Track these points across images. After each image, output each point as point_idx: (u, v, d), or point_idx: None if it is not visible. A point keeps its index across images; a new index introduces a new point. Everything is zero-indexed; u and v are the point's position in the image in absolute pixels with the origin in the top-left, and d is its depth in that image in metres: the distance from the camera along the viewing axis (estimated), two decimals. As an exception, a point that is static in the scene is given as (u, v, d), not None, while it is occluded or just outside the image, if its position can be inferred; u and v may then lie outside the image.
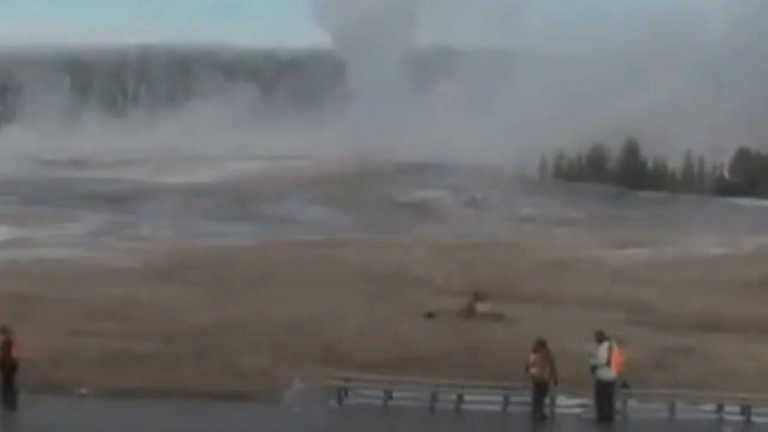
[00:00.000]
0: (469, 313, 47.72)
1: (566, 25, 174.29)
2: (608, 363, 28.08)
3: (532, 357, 28.19)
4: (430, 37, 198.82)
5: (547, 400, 28.59)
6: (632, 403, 28.75)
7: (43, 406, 28.17)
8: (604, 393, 28.25)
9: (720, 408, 28.47)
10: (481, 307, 48.52)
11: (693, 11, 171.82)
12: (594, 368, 28.23)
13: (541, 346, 28.42)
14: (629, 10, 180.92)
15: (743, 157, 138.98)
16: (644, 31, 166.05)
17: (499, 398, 28.65)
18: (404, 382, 29.47)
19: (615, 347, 28.33)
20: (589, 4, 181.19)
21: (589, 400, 28.80)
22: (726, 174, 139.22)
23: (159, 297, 49.31)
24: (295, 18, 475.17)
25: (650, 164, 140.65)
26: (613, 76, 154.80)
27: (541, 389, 28.26)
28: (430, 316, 45.65)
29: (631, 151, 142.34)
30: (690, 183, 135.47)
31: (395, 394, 29.23)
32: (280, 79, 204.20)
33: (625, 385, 28.62)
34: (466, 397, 28.90)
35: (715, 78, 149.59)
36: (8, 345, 29.26)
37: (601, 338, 28.51)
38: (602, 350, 28.23)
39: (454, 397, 28.88)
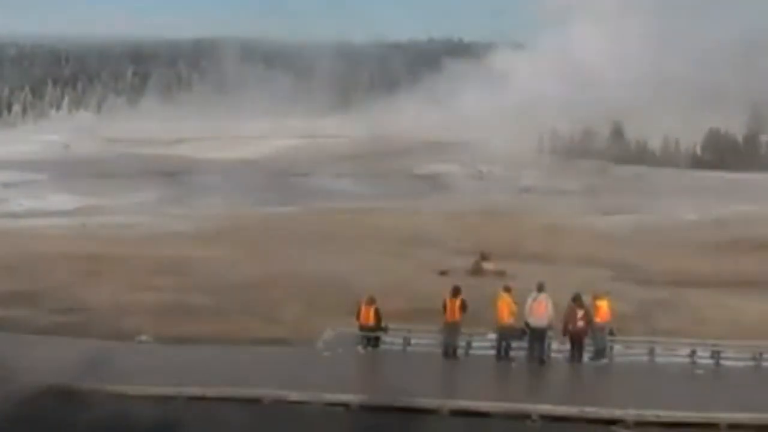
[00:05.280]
0: (476, 270, 47.83)
1: (560, 23, 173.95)
2: (531, 311, 27.87)
3: (580, 312, 27.96)
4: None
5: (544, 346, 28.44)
6: (617, 348, 28.63)
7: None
8: (533, 337, 28.04)
9: (693, 353, 28.35)
10: (487, 266, 48.63)
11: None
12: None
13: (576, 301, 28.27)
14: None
15: (713, 136, 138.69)
16: (628, 26, 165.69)
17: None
18: (421, 330, 29.39)
19: (542, 299, 28.02)
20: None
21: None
22: (698, 151, 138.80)
23: (209, 257, 49.41)
24: (326, 16, 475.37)
25: (633, 143, 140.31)
26: (601, 68, 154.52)
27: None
28: (443, 273, 45.68)
29: (617, 131, 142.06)
30: (667, 159, 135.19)
31: (413, 341, 29.17)
32: (314, 69, 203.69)
33: (611, 333, 28.51)
34: (474, 344, 28.83)
35: (688, 69, 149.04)
36: None
37: (539, 288, 28.28)
38: (529, 300, 28.07)
39: (464, 343, 28.79)
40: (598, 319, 28.13)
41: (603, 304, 28.42)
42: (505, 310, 27.92)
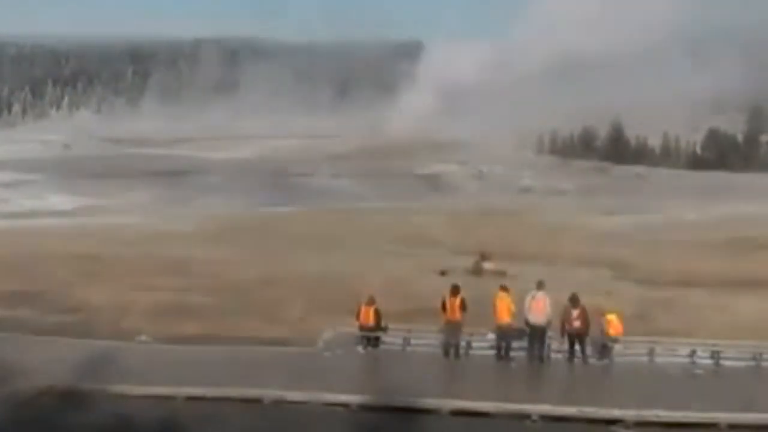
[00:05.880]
0: (476, 270, 47.84)
1: (560, 21, 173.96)
2: (530, 310, 27.81)
3: (575, 312, 27.88)
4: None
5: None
6: (617, 348, 28.60)
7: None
8: (533, 335, 28.01)
9: (693, 353, 28.32)
10: (487, 266, 48.67)
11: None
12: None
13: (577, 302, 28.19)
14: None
15: (713, 135, 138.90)
16: (626, 25, 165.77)
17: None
18: (421, 330, 29.36)
19: (542, 298, 27.99)
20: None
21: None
22: (698, 150, 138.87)
23: (209, 257, 49.43)
24: (326, 16, 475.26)
25: (632, 142, 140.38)
26: (601, 67, 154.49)
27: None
28: (443, 273, 45.64)
29: (616, 130, 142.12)
30: (667, 158, 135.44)
31: (413, 341, 29.14)
32: (314, 69, 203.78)
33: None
34: (474, 344, 28.80)
35: (688, 67, 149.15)
36: None
37: (538, 287, 28.22)
38: (528, 298, 28.02)
39: (464, 343, 28.76)
40: (611, 332, 28.13)
41: (613, 318, 28.41)
42: (505, 309, 27.89)
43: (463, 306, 28.07)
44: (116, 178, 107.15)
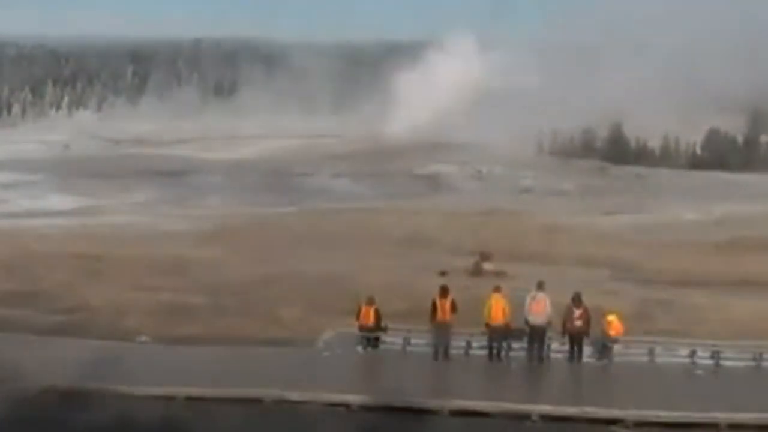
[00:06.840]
0: (476, 271, 47.88)
1: (558, 20, 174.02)
2: (530, 310, 27.82)
3: (577, 312, 27.80)
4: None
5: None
6: (617, 348, 28.61)
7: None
8: (533, 335, 28.02)
9: (693, 353, 28.33)
10: (487, 266, 48.71)
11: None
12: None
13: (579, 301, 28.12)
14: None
15: (713, 136, 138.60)
16: (625, 24, 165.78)
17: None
18: (421, 330, 29.36)
19: (542, 298, 27.98)
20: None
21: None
22: (698, 151, 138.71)
23: (208, 257, 49.41)
24: (326, 16, 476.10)
25: (632, 143, 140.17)
26: (599, 66, 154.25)
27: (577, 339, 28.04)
28: (443, 273, 45.61)
29: (616, 131, 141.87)
30: (667, 158, 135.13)
31: (413, 341, 29.15)
32: (313, 69, 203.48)
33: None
34: (474, 344, 28.81)
35: (689, 66, 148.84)
36: None
37: (538, 287, 28.23)
38: (528, 299, 28.04)
39: (463, 344, 28.78)
40: (612, 333, 28.18)
41: (614, 319, 28.44)
42: (500, 310, 27.93)
43: (454, 307, 28.13)
44: (116, 178, 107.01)
